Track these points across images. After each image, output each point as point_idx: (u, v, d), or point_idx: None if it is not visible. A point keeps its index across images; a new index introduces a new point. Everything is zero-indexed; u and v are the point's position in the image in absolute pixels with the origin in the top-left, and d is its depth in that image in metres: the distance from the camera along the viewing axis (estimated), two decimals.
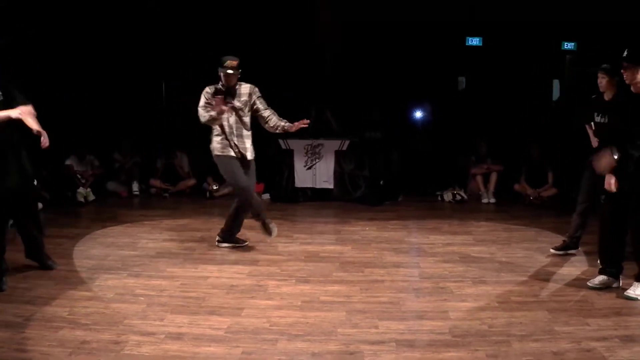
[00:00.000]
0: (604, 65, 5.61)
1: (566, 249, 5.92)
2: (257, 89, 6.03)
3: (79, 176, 9.08)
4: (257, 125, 10.04)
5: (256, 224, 6.07)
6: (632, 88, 4.65)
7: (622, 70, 4.64)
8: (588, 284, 4.87)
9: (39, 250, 5.36)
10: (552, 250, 5.96)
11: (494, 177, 9.28)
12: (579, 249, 6.03)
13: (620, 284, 4.77)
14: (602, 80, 5.61)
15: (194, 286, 4.93)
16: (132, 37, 10.34)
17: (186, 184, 9.82)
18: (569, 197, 8.85)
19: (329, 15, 10.15)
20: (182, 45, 10.59)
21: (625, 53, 4.60)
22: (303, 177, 9.08)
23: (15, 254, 5.41)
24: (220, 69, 5.85)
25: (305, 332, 3.97)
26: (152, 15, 10.34)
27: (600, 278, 4.84)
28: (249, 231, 6.40)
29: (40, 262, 5.36)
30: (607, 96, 5.63)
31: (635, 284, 4.59)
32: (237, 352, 3.65)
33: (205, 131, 10.13)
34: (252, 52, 10.66)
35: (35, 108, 5.05)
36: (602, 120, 5.59)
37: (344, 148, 9.07)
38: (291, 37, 10.32)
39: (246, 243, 6.20)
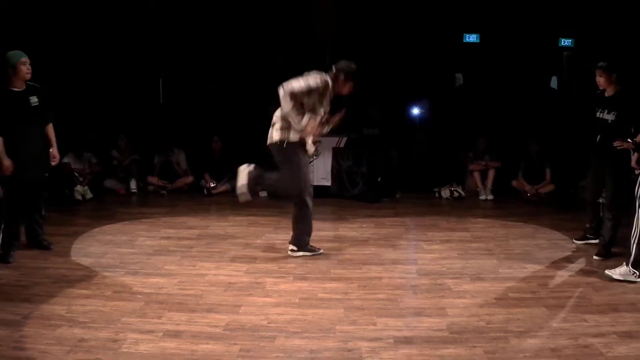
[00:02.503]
0: (600, 63, 5.61)
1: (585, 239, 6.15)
2: None
3: (77, 174, 9.06)
4: (254, 121, 9.96)
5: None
6: None
7: None
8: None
9: (39, 235, 5.90)
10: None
11: (491, 174, 9.28)
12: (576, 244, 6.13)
13: None
14: (600, 79, 5.63)
15: (192, 284, 4.93)
16: (129, 34, 10.31)
17: (184, 181, 9.81)
18: (567, 194, 8.91)
19: (328, 14, 10.13)
20: (180, 42, 10.57)
21: None
22: None
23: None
24: (351, 82, 5.59)
25: (303, 329, 3.98)
26: (150, 12, 10.31)
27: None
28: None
29: (40, 244, 5.88)
30: (607, 93, 5.65)
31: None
32: (235, 349, 3.65)
33: (203, 129, 10.20)
34: (251, 50, 10.67)
35: None
36: (602, 116, 5.63)
37: (342, 145, 9.06)
38: (290, 35, 10.31)
39: (321, 251, 5.81)
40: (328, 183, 9.07)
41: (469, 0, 10.47)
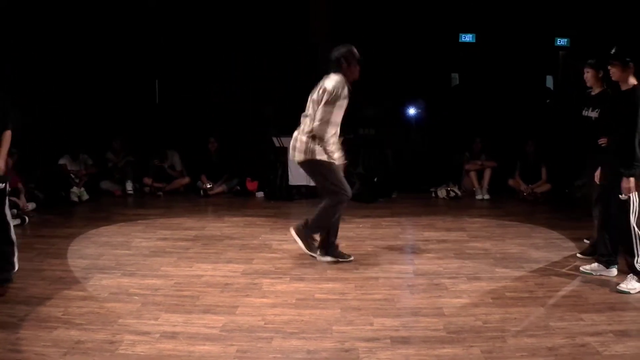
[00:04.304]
0: (589, 60, 5.65)
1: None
2: None
3: (73, 175, 9.05)
4: (252, 123, 9.96)
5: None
6: (620, 85, 4.68)
7: (608, 67, 4.67)
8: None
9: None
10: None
11: (487, 174, 9.30)
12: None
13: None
14: (587, 75, 5.65)
15: (189, 285, 4.92)
16: (125, 35, 10.31)
17: (180, 182, 9.80)
18: (563, 193, 8.93)
19: (325, 14, 10.13)
20: (175, 43, 10.57)
21: (613, 50, 4.63)
22: (297, 175, 9.04)
23: None
24: (355, 62, 5.51)
25: (300, 329, 3.97)
26: (146, 13, 10.31)
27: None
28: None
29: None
30: (594, 91, 5.66)
31: (628, 277, 4.62)
32: (232, 350, 3.65)
33: (199, 130, 10.19)
34: (247, 50, 10.67)
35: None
36: (587, 114, 5.62)
37: None
38: (285, 35, 10.31)
39: (351, 258, 5.63)
40: None
41: (465, 0, 10.50)
